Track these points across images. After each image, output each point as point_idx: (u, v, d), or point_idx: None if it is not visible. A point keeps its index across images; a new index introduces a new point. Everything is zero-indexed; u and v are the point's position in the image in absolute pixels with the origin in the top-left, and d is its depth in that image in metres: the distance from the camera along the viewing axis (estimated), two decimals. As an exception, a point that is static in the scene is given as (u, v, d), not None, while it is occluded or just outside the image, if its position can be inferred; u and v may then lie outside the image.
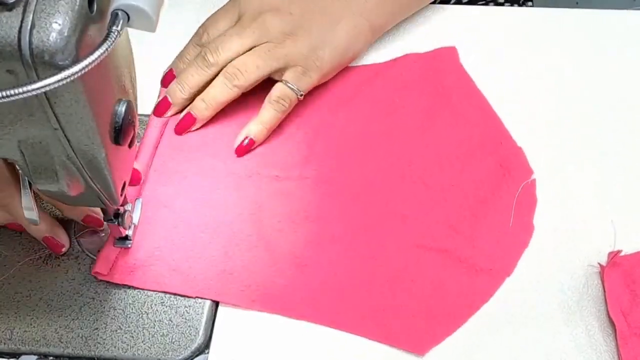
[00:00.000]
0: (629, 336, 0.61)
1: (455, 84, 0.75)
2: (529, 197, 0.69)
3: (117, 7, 0.45)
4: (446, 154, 0.71)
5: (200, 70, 0.71)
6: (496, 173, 0.70)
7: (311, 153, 0.71)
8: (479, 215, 0.68)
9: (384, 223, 0.68)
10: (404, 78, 0.76)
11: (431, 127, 0.73)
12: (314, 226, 0.68)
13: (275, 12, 0.71)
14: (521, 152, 0.72)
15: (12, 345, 0.64)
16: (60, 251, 0.67)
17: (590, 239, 0.67)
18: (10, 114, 0.47)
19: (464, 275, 0.65)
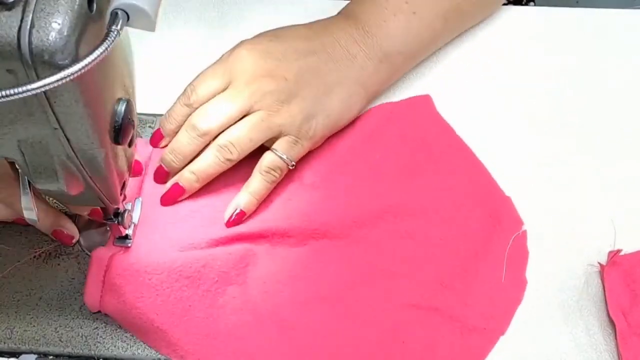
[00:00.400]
0: (629, 336, 0.61)
1: (436, 134, 0.73)
2: (521, 249, 0.67)
3: (116, 7, 0.45)
4: (433, 207, 0.68)
5: (191, 140, 0.67)
6: (486, 224, 0.67)
7: (293, 211, 0.68)
8: (470, 271, 0.65)
9: (372, 281, 0.65)
10: (382, 131, 0.72)
11: (416, 180, 0.70)
12: (300, 286, 0.65)
13: (270, 78, 0.67)
14: (510, 201, 0.69)
15: (12, 344, 0.64)
16: (71, 242, 0.67)
17: (590, 239, 0.67)
18: (10, 114, 0.47)
19: (457, 335, 0.63)
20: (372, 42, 0.71)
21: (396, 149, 0.71)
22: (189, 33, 0.81)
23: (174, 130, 0.69)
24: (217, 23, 0.82)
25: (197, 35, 0.82)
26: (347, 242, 0.67)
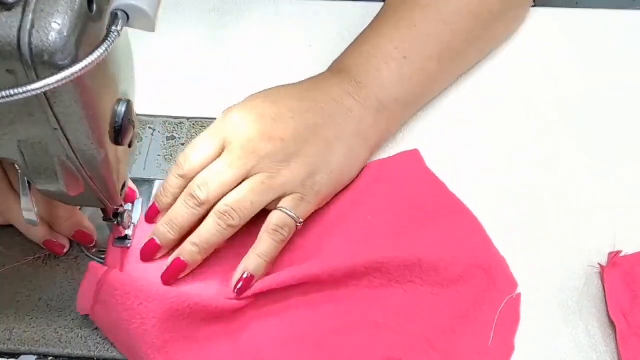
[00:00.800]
0: (629, 336, 0.61)
1: (427, 190, 0.70)
2: (512, 313, 0.64)
3: (116, 7, 0.45)
4: (427, 262, 0.64)
5: (190, 210, 0.64)
6: (481, 283, 0.65)
7: (282, 261, 0.66)
8: (458, 331, 0.63)
9: (356, 330, 0.62)
10: (372, 191, 0.70)
11: (409, 236, 0.67)
12: (282, 327, 0.63)
13: (267, 140, 0.64)
14: (505, 262, 0.66)
15: (11, 345, 0.64)
16: (62, 252, 0.67)
17: (590, 240, 0.67)
18: (10, 114, 0.47)
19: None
20: (366, 93, 0.69)
21: (388, 208, 0.68)
22: (189, 33, 0.81)
23: (170, 204, 0.66)
24: (217, 23, 0.82)
25: (197, 35, 0.82)
26: (334, 291, 0.64)
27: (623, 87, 0.76)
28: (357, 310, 0.63)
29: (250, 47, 0.81)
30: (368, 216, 0.68)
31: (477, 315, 0.64)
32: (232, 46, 0.81)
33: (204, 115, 0.75)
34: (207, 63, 0.80)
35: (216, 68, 0.79)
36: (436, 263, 0.64)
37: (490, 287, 0.65)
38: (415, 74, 0.71)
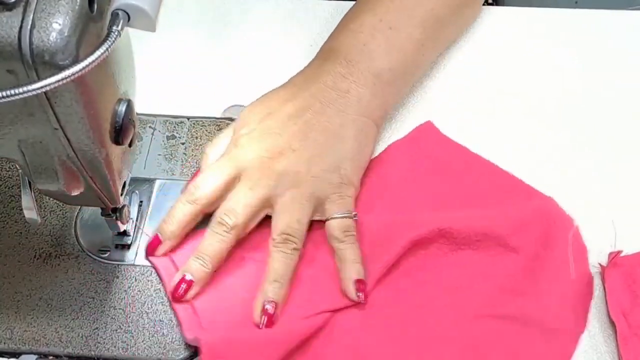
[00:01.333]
0: (629, 336, 0.61)
1: (454, 156, 0.71)
2: (579, 244, 0.66)
3: (117, 7, 0.45)
4: (486, 219, 0.66)
5: (219, 237, 0.63)
6: (543, 226, 0.66)
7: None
8: (537, 273, 0.64)
9: (436, 298, 0.64)
10: (401, 169, 0.71)
11: (456, 200, 0.69)
12: (366, 313, 0.64)
13: (279, 155, 0.65)
14: (553, 201, 0.68)
15: (12, 344, 0.64)
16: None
17: (590, 239, 0.67)
18: (10, 114, 0.48)
19: (537, 340, 0.61)
20: (358, 70, 0.69)
21: (422, 180, 0.70)
22: (189, 33, 0.81)
23: (174, 233, 0.65)
24: (217, 23, 0.82)
25: (197, 35, 0.82)
26: (407, 265, 0.66)
27: (623, 87, 0.76)
28: (434, 278, 0.65)
29: (251, 46, 0.81)
30: (409, 191, 0.69)
31: (549, 256, 0.65)
32: (232, 46, 0.81)
33: (204, 115, 0.75)
34: (207, 63, 0.80)
35: (216, 68, 0.79)
36: (495, 219, 0.66)
37: (552, 227, 0.66)
38: (403, 42, 0.72)
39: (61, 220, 0.69)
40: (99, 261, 0.67)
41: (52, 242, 0.68)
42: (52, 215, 0.70)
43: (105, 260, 0.67)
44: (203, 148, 0.71)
